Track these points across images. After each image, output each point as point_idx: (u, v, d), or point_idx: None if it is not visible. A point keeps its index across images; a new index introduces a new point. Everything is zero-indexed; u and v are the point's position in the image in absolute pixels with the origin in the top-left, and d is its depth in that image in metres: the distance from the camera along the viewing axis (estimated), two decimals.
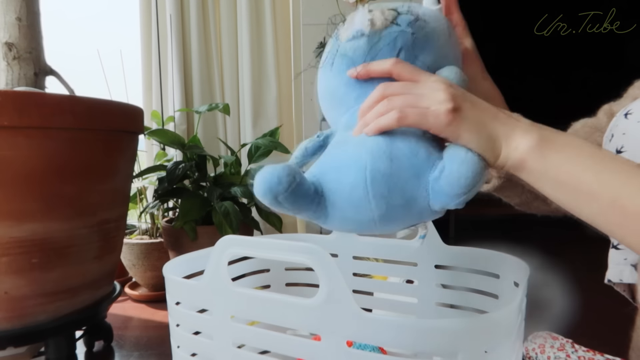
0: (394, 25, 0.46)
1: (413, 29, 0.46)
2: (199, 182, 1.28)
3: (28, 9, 0.98)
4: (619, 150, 0.45)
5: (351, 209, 0.42)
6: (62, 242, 0.80)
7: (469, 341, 0.39)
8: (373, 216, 0.42)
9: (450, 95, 0.40)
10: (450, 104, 0.39)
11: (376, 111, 0.42)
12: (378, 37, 0.46)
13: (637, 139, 0.43)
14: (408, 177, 0.41)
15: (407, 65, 0.43)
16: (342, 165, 0.44)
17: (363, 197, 0.41)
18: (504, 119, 0.41)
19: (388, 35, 0.46)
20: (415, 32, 0.46)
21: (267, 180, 0.41)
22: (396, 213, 0.42)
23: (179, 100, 1.66)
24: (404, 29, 0.45)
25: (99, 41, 1.54)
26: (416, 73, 0.43)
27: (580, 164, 0.38)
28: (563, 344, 0.78)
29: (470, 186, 0.39)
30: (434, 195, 0.41)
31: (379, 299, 0.77)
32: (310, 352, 0.43)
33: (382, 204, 0.41)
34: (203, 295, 0.49)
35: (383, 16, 0.46)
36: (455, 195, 0.39)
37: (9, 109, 0.71)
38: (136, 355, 0.96)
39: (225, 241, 0.46)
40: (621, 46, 1.84)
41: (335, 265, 0.40)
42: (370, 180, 0.41)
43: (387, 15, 0.46)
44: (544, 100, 1.92)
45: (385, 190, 0.41)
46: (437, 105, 0.40)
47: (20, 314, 0.78)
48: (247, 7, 1.69)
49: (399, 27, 0.45)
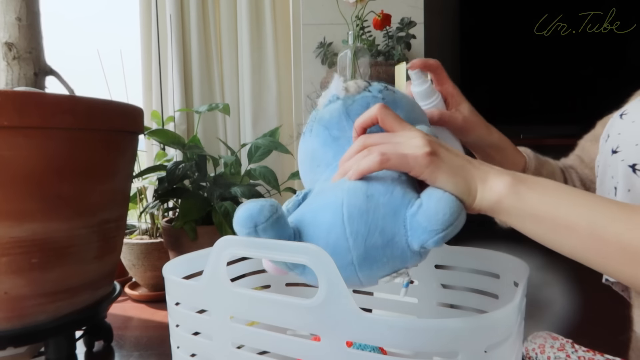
0: (366, 91, 0.50)
1: (383, 95, 0.50)
2: (199, 182, 1.28)
3: (28, 9, 0.98)
4: (614, 150, 0.45)
5: (329, 250, 0.41)
6: (62, 242, 0.80)
7: (469, 341, 0.39)
8: (352, 258, 0.41)
9: (427, 141, 0.42)
10: (427, 148, 0.41)
11: (357, 158, 0.44)
12: (352, 100, 0.50)
13: (632, 139, 0.43)
14: (385, 213, 0.41)
15: (391, 111, 0.45)
16: (319, 207, 0.44)
17: (340, 236, 0.41)
18: (477, 164, 0.43)
19: (361, 99, 0.50)
20: (385, 97, 0.50)
21: (249, 209, 0.42)
22: (375, 254, 0.41)
23: (179, 100, 1.66)
24: (375, 95, 0.50)
25: (99, 41, 1.54)
26: (397, 120, 0.45)
27: (555, 198, 0.39)
28: (563, 344, 0.78)
29: (448, 223, 0.39)
30: (412, 232, 0.40)
31: (379, 299, 0.77)
32: (310, 352, 0.43)
33: (360, 242, 0.41)
34: (202, 295, 0.49)
35: (356, 85, 0.51)
36: (433, 231, 0.39)
37: (8, 109, 0.71)
38: (136, 355, 0.96)
39: (224, 241, 0.46)
40: (621, 46, 1.84)
41: (335, 266, 0.40)
42: (347, 217, 0.41)
43: (359, 84, 0.51)
44: (544, 100, 1.92)
45: (362, 227, 0.41)
46: (416, 150, 0.41)
47: (20, 314, 0.78)
48: (247, 7, 1.69)
49: (370, 93, 0.50)
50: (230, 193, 1.22)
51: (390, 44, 1.49)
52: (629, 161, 0.43)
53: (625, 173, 0.44)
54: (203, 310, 0.51)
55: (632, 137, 0.43)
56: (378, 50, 1.47)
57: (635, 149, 0.43)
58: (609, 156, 0.46)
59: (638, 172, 0.42)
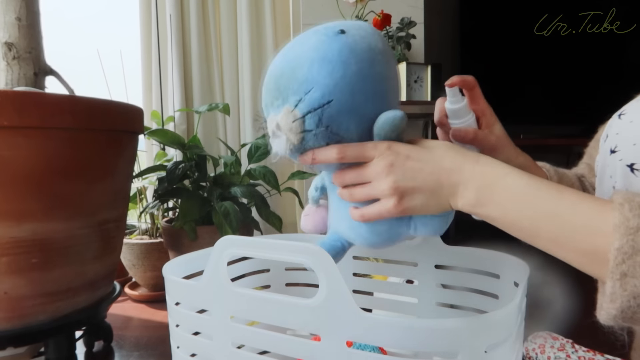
0: (305, 132, 0.47)
1: (323, 124, 0.46)
2: (199, 182, 1.28)
3: (28, 9, 0.98)
4: (613, 149, 0.45)
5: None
6: (62, 242, 0.80)
7: (469, 341, 0.39)
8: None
9: (392, 183, 0.45)
10: (394, 197, 0.46)
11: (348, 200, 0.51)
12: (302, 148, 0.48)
13: (630, 138, 0.43)
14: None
15: (350, 147, 0.47)
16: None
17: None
18: (446, 177, 0.45)
19: (309, 140, 0.47)
20: (329, 125, 0.46)
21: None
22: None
23: (179, 100, 1.66)
24: (314, 132, 0.47)
25: (99, 41, 1.54)
26: (359, 154, 0.47)
27: (517, 211, 0.42)
28: (563, 344, 0.78)
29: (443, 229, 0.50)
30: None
31: (379, 299, 0.77)
32: (310, 352, 0.43)
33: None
34: (202, 295, 0.49)
35: (292, 133, 0.47)
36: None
37: (8, 109, 0.71)
38: (136, 355, 0.96)
39: (224, 241, 0.46)
40: (621, 46, 1.84)
41: (335, 265, 0.40)
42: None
43: (294, 129, 0.47)
44: (544, 100, 1.92)
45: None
46: (386, 200, 0.47)
47: (20, 314, 0.78)
48: (247, 7, 1.69)
49: (310, 131, 0.47)
50: (230, 193, 1.22)
51: (390, 44, 1.49)
52: (627, 161, 0.43)
53: (623, 172, 0.44)
54: (203, 310, 0.51)
55: (630, 136, 0.43)
56: None
57: (633, 148, 0.43)
58: (608, 156, 0.46)
59: (636, 171, 0.42)
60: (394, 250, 0.73)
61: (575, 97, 1.90)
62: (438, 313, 0.70)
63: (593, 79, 1.87)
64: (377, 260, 0.79)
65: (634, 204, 0.36)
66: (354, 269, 0.77)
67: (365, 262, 0.77)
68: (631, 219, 0.35)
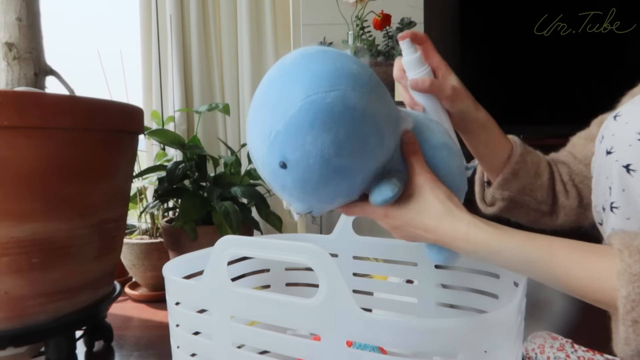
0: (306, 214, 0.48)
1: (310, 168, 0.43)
2: (199, 182, 1.28)
3: (28, 9, 0.98)
4: (608, 151, 0.46)
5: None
6: (62, 242, 0.80)
7: (469, 341, 0.39)
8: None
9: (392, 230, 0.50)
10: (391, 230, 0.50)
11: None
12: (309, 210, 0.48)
13: (625, 140, 0.43)
14: None
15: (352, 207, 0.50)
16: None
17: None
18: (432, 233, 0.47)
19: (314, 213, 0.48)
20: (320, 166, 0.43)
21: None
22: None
23: (179, 100, 1.66)
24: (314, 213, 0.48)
25: (99, 41, 1.54)
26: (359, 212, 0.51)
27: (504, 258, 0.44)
28: (563, 344, 0.78)
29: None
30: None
31: (379, 299, 0.77)
32: (310, 352, 0.43)
33: None
34: (202, 295, 0.49)
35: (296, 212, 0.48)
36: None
37: (9, 109, 0.71)
38: (136, 355, 0.96)
39: (224, 241, 0.46)
40: (621, 46, 1.84)
41: (335, 265, 0.40)
42: None
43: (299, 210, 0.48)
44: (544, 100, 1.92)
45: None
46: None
47: (20, 314, 0.78)
48: (247, 7, 1.69)
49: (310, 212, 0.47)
50: (230, 193, 1.22)
51: (390, 44, 1.49)
52: (623, 161, 0.43)
53: (619, 173, 0.44)
54: (203, 310, 0.51)
55: (626, 138, 0.43)
56: (378, 50, 1.47)
57: (629, 149, 0.43)
58: (604, 157, 0.46)
59: (632, 172, 0.43)
60: (394, 250, 0.74)
61: (575, 97, 1.90)
62: (438, 313, 0.70)
63: (593, 79, 1.87)
64: (377, 260, 0.79)
65: (633, 249, 0.38)
66: (354, 269, 0.77)
67: (365, 262, 0.77)
68: (633, 265, 0.37)
